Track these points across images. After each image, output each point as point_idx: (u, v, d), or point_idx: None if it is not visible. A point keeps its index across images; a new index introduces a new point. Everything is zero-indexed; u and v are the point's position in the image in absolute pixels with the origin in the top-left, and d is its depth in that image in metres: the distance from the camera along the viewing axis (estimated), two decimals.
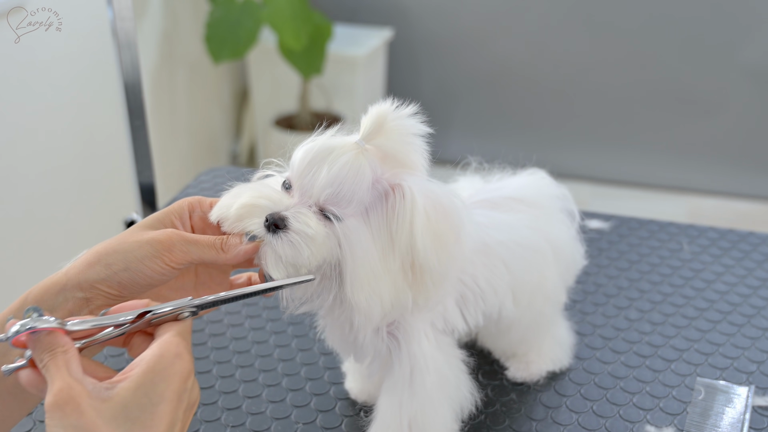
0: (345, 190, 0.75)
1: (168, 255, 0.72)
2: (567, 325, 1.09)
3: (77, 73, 2.30)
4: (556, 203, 1.02)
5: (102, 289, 0.71)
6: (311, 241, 0.73)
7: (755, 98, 3.15)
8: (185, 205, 0.80)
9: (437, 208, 0.76)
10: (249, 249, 0.75)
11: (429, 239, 0.75)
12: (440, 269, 0.76)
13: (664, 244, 1.41)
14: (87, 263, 0.72)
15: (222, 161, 3.43)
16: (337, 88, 3.21)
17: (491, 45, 3.36)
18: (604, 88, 3.31)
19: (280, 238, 0.73)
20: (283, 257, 0.73)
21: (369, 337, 0.84)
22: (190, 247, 0.74)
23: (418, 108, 0.79)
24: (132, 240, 0.73)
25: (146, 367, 0.61)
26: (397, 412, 0.86)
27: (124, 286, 0.72)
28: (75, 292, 0.71)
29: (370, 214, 0.76)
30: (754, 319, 1.19)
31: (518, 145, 3.42)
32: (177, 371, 0.62)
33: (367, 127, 0.78)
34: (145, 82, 2.59)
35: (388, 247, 0.76)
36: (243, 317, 1.19)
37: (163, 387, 0.60)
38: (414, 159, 0.79)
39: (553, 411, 1.00)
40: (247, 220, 0.75)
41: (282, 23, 2.72)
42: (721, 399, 1.01)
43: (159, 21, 2.82)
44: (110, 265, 0.71)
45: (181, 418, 0.62)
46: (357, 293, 0.75)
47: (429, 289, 0.78)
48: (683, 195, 3.37)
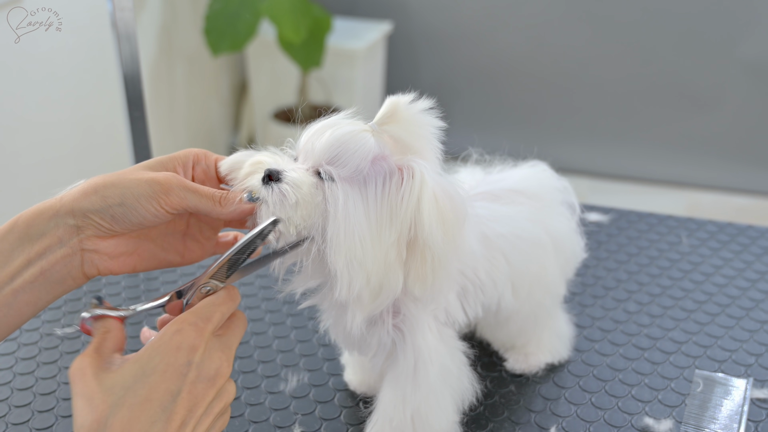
0: (342, 153, 0.75)
1: (165, 197, 0.73)
2: (566, 317, 1.09)
3: (77, 65, 2.30)
4: (556, 196, 1.02)
5: (94, 219, 0.72)
6: (297, 189, 0.74)
7: (754, 93, 3.15)
8: (191, 155, 0.80)
9: (445, 194, 0.76)
10: (246, 209, 0.75)
11: (435, 217, 0.74)
12: (443, 250, 0.76)
13: (663, 236, 1.41)
14: (83, 192, 0.72)
15: (221, 153, 3.42)
16: (336, 81, 3.20)
17: (490, 39, 3.35)
18: (604, 82, 3.31)
19: (272, 188, 0.74)
20: (271, 207, 0.74)
21: (375, 330, 0.84)
22: (188, 194, 0.74)
23: (433, 102, 0.80)
24: (132, 177, 0.73)
25: (148, 345, 0.65)
26: (401, 405, 0.86)
27: (116, 221, 0.72)
28: (67, 218, 0.71)
29: (368, 186, 0.76)
30: (753, 312, 1.19)
31: (517, 139, 3.41)
32: (174, 345, 0.65)
33: (381, 114, 0.79)
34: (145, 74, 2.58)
35: (385, 220, 0.75)
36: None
37: (157, 360, 0.64)
38: (425, 149, 0.79)
39: (552, 403, 1.00)
40: (252, 177, 0.76)
41: (281, 16, 2.72)
42: (719, 391, 1.01)
43: (158, 13, 2.81)
44: (106, 198, 0.71)
45: (186, 389, 0.64)
46: (336, 256, 0.74)
47: (427, 275, 0.77)
48: (682, 190, 3.37)
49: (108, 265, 0.75)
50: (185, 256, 0.82)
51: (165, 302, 0.72)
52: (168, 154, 0.79)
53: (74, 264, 0.72)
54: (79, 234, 0.72)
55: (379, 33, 3.24)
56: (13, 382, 1.03)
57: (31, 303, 0.71)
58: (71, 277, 0.73)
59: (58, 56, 2.22)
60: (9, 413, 0.97)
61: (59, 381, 1.03)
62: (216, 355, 0.67)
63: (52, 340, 1.12)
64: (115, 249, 0.75)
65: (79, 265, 0.73)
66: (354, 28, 3.24)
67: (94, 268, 0.74)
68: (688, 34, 3.12)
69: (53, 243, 0.71)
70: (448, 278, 0.81)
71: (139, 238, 0.78)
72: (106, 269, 0.75)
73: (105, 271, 0.75)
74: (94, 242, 0.73)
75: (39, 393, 1.01)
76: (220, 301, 0.71)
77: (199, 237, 0.83)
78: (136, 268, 0.78)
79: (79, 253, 0.72)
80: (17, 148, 2.08)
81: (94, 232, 0.72)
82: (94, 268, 0.74)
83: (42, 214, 0.71)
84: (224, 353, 0.69)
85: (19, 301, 0.70)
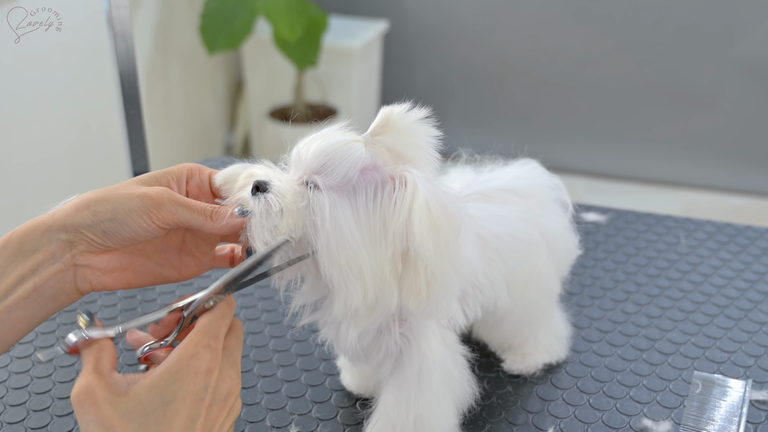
0: (330, 162, 0.74)
1: (156, 212, 0.72)
2: (563, 316, 1.09)
3: (73, 63, 2.29)
4: (549, 194, 1.01)
5: (86, 234, 0.71)
6: (282, 198, 0.73)
7: (750, 93, 3.15)
8: (185, 170, 0.80)
9: (439, 203, 0.74)
10: (237, 223, 0.74)
11: (426, 226, 0.73)
12: (436, 262, 0.74)
13: (661, 237, 1.41)
14: (75, 207, 0.72)
15: (216, 152, 3.42)
16: (332, 80, 3.20)
17: (487, 38, 3.35)
18: (601, 81, 3.31)
19: (259, 198, 0.74)
20: (258, 217, 0.73)
21: (382, 340, 0.83)
22: (179, 209, 0.73)
23: (429, 111, 0.78)
24: (123, 192, 0.73)
25: (164, 368, 0.64)
26: (404, 410, 0.85)
27: (108, 236, 0.72)
28: (59, 233, 0.71)
29: (358, 195, 0.74)
30: (752, 313, 1.18)
31: (513, 138, 3.41)
32: (192, 370, 0.64)
33: (375, 125, 0.77)
34: (140, 72, 2.57)
35: (379, 232, 0.74)
36: (238, 308, 1.18)
37: (177, 387, 0.63)
38: (420, 158, 0.78)
39: (550, 404, 1.00)
40: (243, 190, 0.76)
41: (277, 14, 2.71)
42: (718, 393, 1.01)
43: (154, 11, 2.80)
44: (98, 213, 0.71)
45: (203, 413, 0.65)
46: (330, 267, 0.73)
47: (421, 288, 0.74)
48: (678, 189, 3.37)
49: (102, 280, 0.74)
50: (181, 271, 0.81)
51: (157, 319, 0.71)
52: (161, 170, 0.79)
53: (67, 280, 0.72)
54: (72, 249, 0.71)
55: (375, 32, 3.23)
56: (8, 381, 1.02)
57: (24, 319, 0.70)
58: (64, 293, 0.72)
59: (54, 54, 2.21)
60: (4, 412, 0.97)
61: (54, 380, 1.03)
62: (227, 374, 0.68)
63: (47, 339, 1.11)
64: (109, 264, 0.75)
65: (72, 280, 0.72)
66: (350, 27, 3.24)
67: (87, 284, 0.73)
68: (685, 33, 3.12)
69: (46, 259, 0.70)
70: (446, 292, 0.77)
71: (133, 254, 0.77)
72: (100, 285, 0.74)
73: (99, 287, 0.74)
74: (87, 257, 0.73)
75: (34, 392, 1.00)
76: (222, 314, 0.70)
77: (196, 252, 0.82)
78: (131, 283, 0.78)
79: (72, 268, 0.72)
80: (13, 146, 2.07)
81: (86, 248, 0.72)
82: (87, 284, 0.73)
83: (35, 229, 0.71)
84: (233, 370, 0.69)
85: (12, 318, 0.70)
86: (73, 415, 0.96)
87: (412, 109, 0.77)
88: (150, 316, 0.71)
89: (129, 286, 0.78)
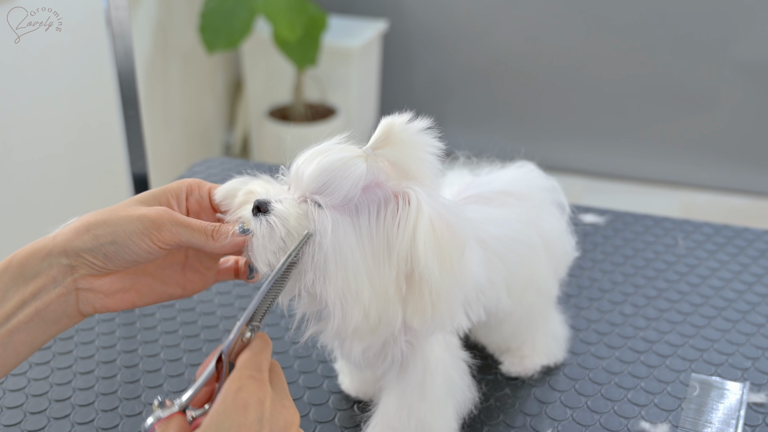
0: (331, 182, 0.73)
1: (156, 234, 0.72)
2: (561, 318, 1.09)
3: (71, 62, 2.29)
4: (546, 196, 1.01)
5: (87, 258, 0.71)
6: (285, 221, 0.72)
7: (748, 93, 3.15)
8: (184, 186, 0.79)
9: (443, 221, 0.73)
10: (238, 242, 0.74)
11: (431, 247, 0.71)
12: (441, 284, 0.73)
13: (659, 239, 1.41)
14: (75, 231, 0.71)
15: (215, 152, 3.42)
16: (331, 79, 3.20)
17: (486, 38, 3.35)
18: (599, 82, 3.31)
19: (261, 220, 0.73)
20: (261, 239, 0.72)
21: (388, 348, 0.82)
22: (180, 230, 0.73)
23: (430, 121, 0.77)
24: (123, 214, 0.72)
25: (213, 410, 0.62)
26: (406, 416, 0.85)
27: (109, 259, 0.72)
28: (60, 258, 0.71)
29: (361, 215, 0.73)
30: (749, 315, 1.18)
31: (512, 139, 3.42)
32: (240, 404, 0.62)
33: (376, 137, 0.76)
34: (139, 72, 2.57)
35: (383, 252, 0.73)
36: (236, 309, 1.18)
37: (228, 424, 0.61)
38: (423, 172, 0.76)
39: (548, 406, 1.00)
40: (244, 207, 0.75)
41: (277, 14, 2.71)
42: (715, 395, 1.01)
43: (153, 11, 2.80)
44: (98, 237, 0.71)
45: None
46: (327, 289, 0.72)
47: (426, 309, 0.74)
48: (676, 190, 3.37)
49: (104, 302, 0.74)
50: (186, 287, 0.80)
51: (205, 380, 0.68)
52: (160, 187, 0.78)
53: (69, 303, 0.72)
54: (73, 273, 0.71)
55: (374, 31, 3.23)
56: (5, 384, 1.02)
57: (26, 343, 0.70)
58: (66, 316, 0.72)
59: (53, 54, 2.21)
60: (1, 414, 0.97)
61: (51, 383, 1.03)
62: (281, 404, 0.66)
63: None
64: (111, 286, 0.74)
65: (75, 304, 0.72)
66: (349, 27, 3.23)
67: (90, 307, 0.73)
68: (683, 34, 3.12)
69: (47, 283, 0.70)
70: (451, 309, 0.77)
71: (136, 274, 0.77)
72: (103, 307, 0.74)
73: (102, 309, 0.74)
74: (89, 281, 0.72)
75: (31, 395, 1.00)
76: (259, 349, 0.68)
77: (199, 267, 0.81)
78: (135, 303, 0.77)
79: (74, 292, 0.72)
80: (12, 146, 2.07)
81: (88, 271, 0.72)
82: (90, 307, 0.73)
83: (35, 253, 0.70)
84: (288, 400, 0.67)
85: (14, 341, 0.69)
86: (71, 417, 0.96)
87: (414, 119, 0.76)
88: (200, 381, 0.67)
89: (133, 306, 0.77)
